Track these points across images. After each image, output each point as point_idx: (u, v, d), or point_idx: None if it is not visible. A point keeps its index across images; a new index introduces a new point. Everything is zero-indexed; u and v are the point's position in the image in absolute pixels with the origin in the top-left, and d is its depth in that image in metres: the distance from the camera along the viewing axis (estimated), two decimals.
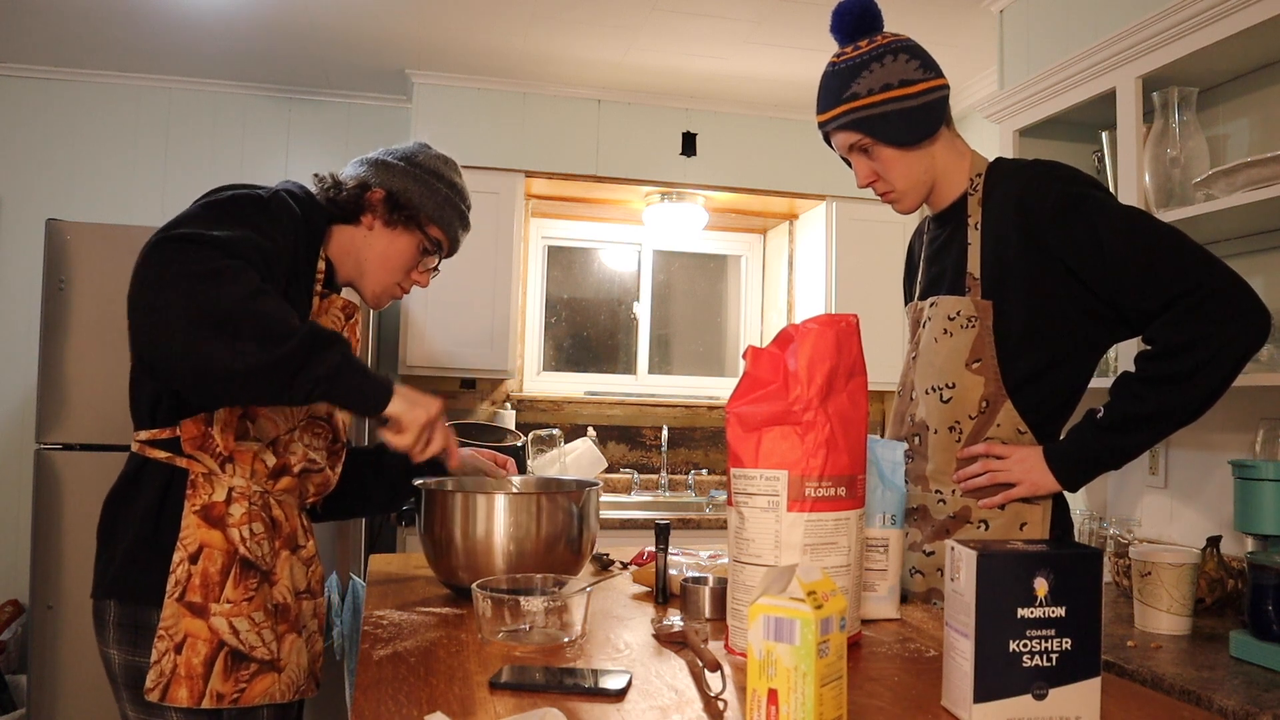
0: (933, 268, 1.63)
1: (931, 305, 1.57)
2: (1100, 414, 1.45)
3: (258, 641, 1.35)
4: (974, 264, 1.51)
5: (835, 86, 1.54)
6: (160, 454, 1.37)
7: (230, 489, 1.37)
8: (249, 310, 1.16)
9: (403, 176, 1.53)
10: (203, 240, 1.19)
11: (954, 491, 1.53)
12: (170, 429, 1.36)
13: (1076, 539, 2.13)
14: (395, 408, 1.28)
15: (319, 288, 1.46)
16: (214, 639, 1.32)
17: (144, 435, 1.39)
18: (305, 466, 1.45)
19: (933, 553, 1.55)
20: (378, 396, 1.26)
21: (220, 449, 1.36)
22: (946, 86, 1.54)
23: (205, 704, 1.30)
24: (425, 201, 1.54)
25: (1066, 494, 1.54)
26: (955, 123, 2.08)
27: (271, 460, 1.40)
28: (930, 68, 1.53)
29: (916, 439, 1.59)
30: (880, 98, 1.50)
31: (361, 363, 1.26)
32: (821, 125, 1.59)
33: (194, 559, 1.33)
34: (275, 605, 1.39)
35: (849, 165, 1.60)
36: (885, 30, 1.56)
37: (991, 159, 1.60)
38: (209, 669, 1.31)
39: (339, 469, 1.56)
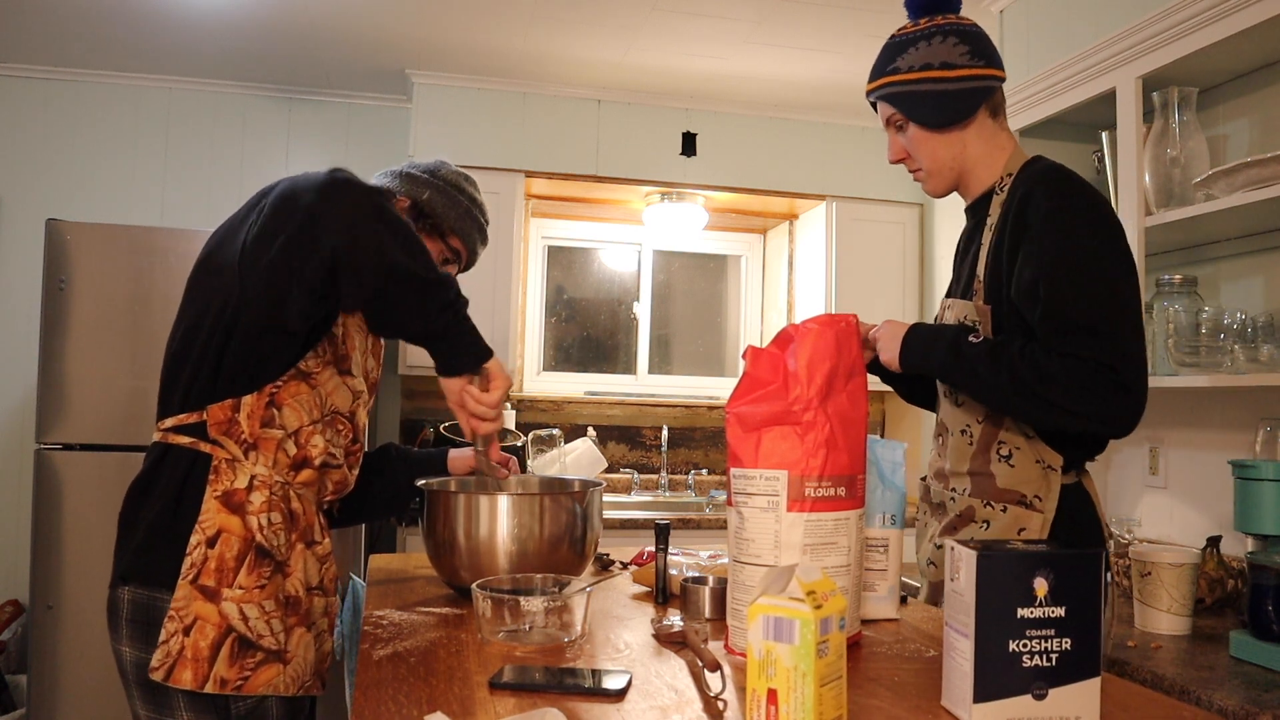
0: (959, 264, 1.64)
1: (948, 309, 1.58)
2: (974, 335, 1.42)
3: (266, 630, 1.36)
4: (981, 266, 1.52)
5: (884, 59, 1.56)
6: (184, 439, 1.38)
7: (252, 477, 1.38)
8: (414, 232, 1.35)
9: (427, 187, 1.62)
10: None
11: (964, 490, 1.54)
12: (198, 413, 1.38)
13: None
14: (494, 364, 1.39)
15: None
16: (223, 623, 1.33)
17: (169, 422, 1.40)
18: (325, 460, 1.47)
19: (941, 546, 1.56)
20: (484, 349, 1.40)
21: (245, 435, 1.38)
22: (995, 77, 1.52)
23: (209, 688, 1.31)
24: (448, 212, 1.63)
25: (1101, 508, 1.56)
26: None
27: (293, 450, 1.42)
28: (980, 55, 1.51)
29: (940, 439, 1.61)
30: (918, 75, 1.51)
31: None
32: (867, 95, 1.60)
33: (211, 543, 1.34)
34: (287, 597, 1.40)
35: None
36: (957, 14, 1.55)
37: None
38: (215, 653, 1.32)
39: (356, 471, 1.57)
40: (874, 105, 1.61)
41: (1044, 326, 1.37)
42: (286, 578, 1.40)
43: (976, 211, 1.60)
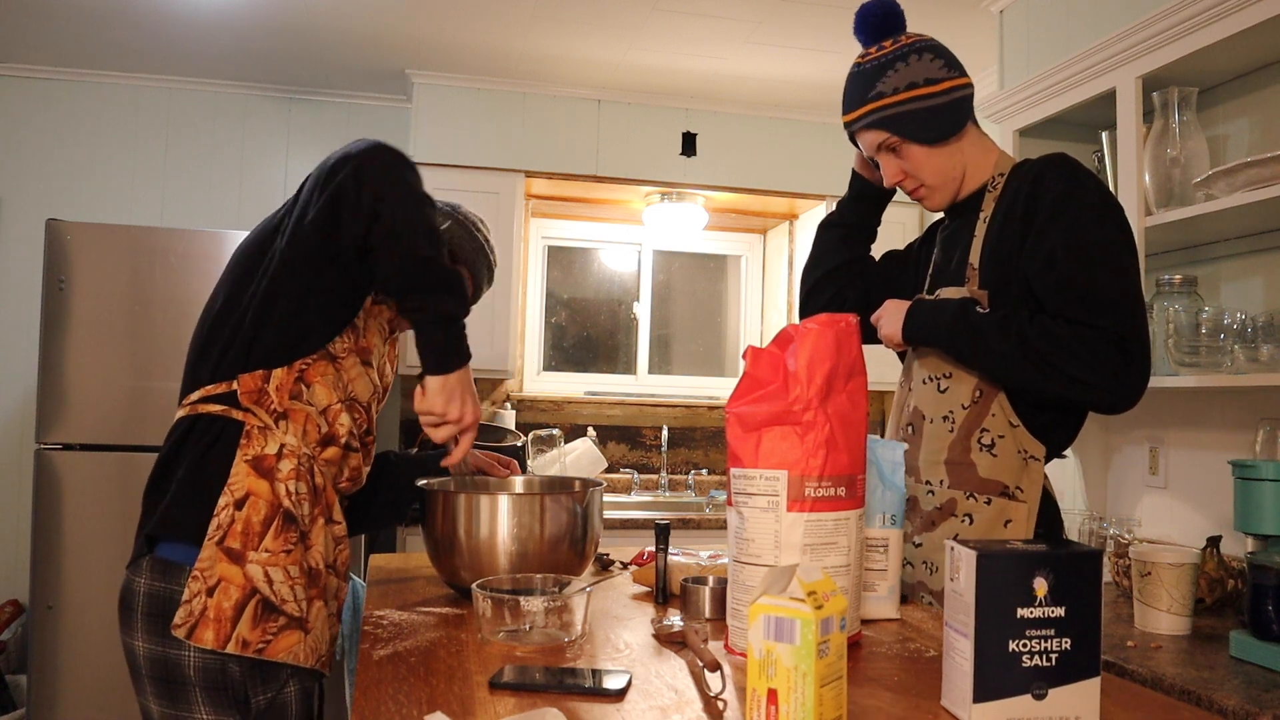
0: (942, 256, 1.64)
1: (934, 296, 1.58)
2: (977, 307, 1.48)
3: (290, 596, 1.36)
4: (975, 254, 1.53)
5: (861, 86, 1.56)
6: (215, 408, 1.40)
7: (282, 445, 1.39)
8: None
9: (448, 218, 1.67)
10: None
11: (941, 483, 1.54)
12: (228, 383, 1.40)
13: (1075, 539, 2.12)
14: (458, 379, 1.47)
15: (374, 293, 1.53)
16: (247, 585, 1.33)
17: (197, 395, 1.41)
18: (349, 441, 1.48)
19: (920, 544, 1.55)
20: (463, 356, 1.48)
21: (275, 405, 1.40)
22: (970, 85, 1.56)
23: (230, 648, 1.31)
24: (464, 244, 1.67)
25: (1055, 494, 1.56)
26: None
27: (324, 427, 1.44)
28: (954, 66, 1.55)
29: (910, 428, 1.60)
30: (905, 96, 1.52)
31: None
32: (848, 125, 1.60)
33: (239, 505, 1.35)
34: (309, 567, 1.41)
35: (876, 166, 1.62)
36: (908, 31, 1.58)
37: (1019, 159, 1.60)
38: (238, 614, 1.32)
39: (369, 466, 1.58)
40: (852, 137, 1.62)
41: (1057, 297, 1.42)
42: (309, 549, 1.41)
43: (965, 209, 1.61)
